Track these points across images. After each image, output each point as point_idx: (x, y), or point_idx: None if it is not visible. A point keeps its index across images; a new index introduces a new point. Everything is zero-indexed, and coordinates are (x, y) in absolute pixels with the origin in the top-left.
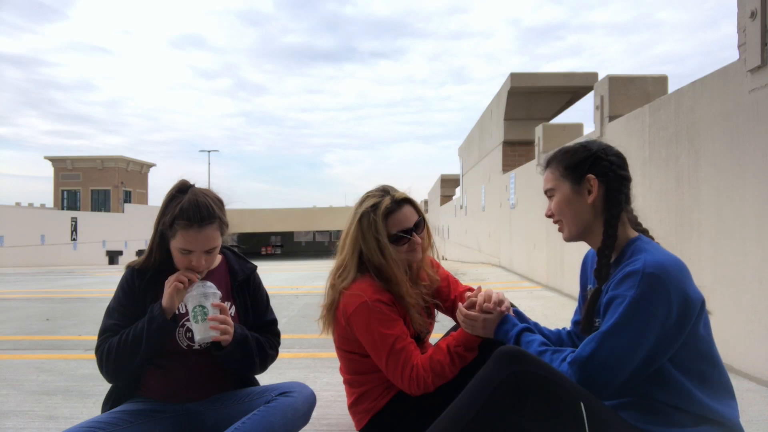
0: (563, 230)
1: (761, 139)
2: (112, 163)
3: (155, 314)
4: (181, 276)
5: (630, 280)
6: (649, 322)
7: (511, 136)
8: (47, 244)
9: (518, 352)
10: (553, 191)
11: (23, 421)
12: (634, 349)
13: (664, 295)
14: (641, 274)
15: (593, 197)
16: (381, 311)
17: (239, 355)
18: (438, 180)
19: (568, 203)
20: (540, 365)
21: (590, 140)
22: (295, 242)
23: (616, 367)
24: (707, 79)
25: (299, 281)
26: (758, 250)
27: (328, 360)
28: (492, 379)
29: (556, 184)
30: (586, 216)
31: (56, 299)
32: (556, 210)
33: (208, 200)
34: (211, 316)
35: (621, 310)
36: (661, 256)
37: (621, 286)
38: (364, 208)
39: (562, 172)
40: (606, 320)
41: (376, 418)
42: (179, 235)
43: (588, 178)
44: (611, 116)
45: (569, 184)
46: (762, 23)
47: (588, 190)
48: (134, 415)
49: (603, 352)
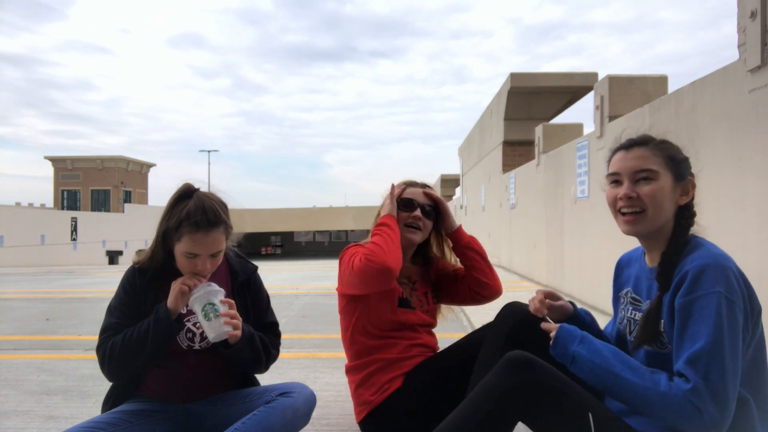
0: (636, 222)
1: (761, 139)
2: (112, 163)
3: (161, 315)
4: (187, 280)
5: (706, 276)
6: (739, 317)
7: (511, 136)
8: (47, 244)
9: (526, 359)
10: (655, 174)
11: (23, 421)
12: (740, 345)
13: (738, 287)
14: (719, 267)
15: (688, 199)
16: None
17: (248, 352)
18: (438, 180)
19: (664, 194)
20: (550, 374)
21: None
22: (295, 242)
23: (738, 369)
24: (707, 79)
25: (299, 281)
26: (758, 249)
27: (328, 360)
28: (500, 386)
29: (659, 168)
30: (668, 214)
31: (56, 299)
32: (650, 196)
33: (214, 204)
34: (224, 311)
35: (714, 309)
36: (721, 250)
37: (698, 287)
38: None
39: (665, 160)
40: (696, 324)
41: (375, 413)
42: (185, 238)
43: (690, 180)
44: (611, 116)
45: (671, 176)
46: (762, 23)
47: (686, 190)
48: (134, 415)
49: (719, 358)
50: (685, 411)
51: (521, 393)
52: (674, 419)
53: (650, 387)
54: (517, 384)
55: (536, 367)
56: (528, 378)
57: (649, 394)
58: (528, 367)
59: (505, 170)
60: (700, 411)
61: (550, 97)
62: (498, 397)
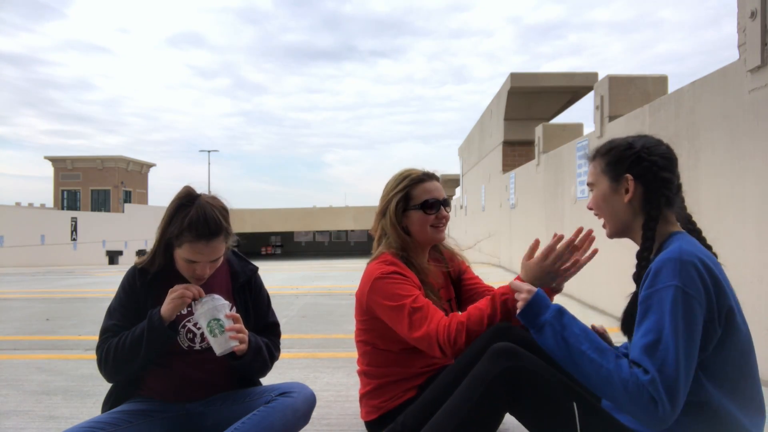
0: (605, 227)
1: (761, 139)
2: (112, 163)
3: (155, 323)
4: (188, 292)
5: (665, 270)
6: (697, 311)
7: (511, 136)
8: (47, 244)
9: (512, 348)
10: (593, 186)
11: (23, 421)
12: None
13: (701, 282)
14: (679, 261)
15: (629, 197)
16: (394, 279)
17: (256, 363)
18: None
19: (605, 200)
20: (535, 362)
21: (640, 136)
22: (295, 242)
23: (692, 360)
24: (707, 79)
25: (299, 281)
26: (758, 250)
27: (328, 360)
28: (486, 375)
29: (595, 179)
30: (623, 215)
31: (56, 299)
32: (594, 205)
33: (215, 213)
34: (229, 326)
35: (670, 301)
36: (696, 247)
37: (657, 280)
38: (396, 176)
39: (603, 167)
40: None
41: (384, 418)
42: (186, 246)
43: (625, 178)
44: (611, 116)
45: (608, 180)
46: (762, 23)
47: (625, 189)
48: (134, 415)
49: (672, 349)
50: (641, 400)
51: (507, 379)
52: (629, 406)
53: (613, 370)
54: (503, 370)
55: (521, 355)
56: (513, 365)
57: (611, 377)
58: (513, 356)
59: (505, 170)
60: (655, 402)
61: (550, 97)
62: (486, 384)
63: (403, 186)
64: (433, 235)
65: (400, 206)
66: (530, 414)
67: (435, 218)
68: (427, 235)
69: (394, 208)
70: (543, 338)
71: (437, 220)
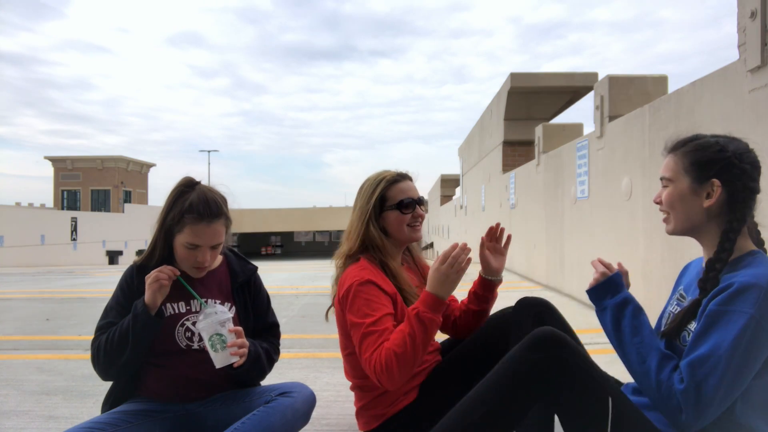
0: (668, 222)
1: (761, 139)
2: (112, 163)
3: (139, 312)
4: (161, 274)
5: (748, 295)
6: (764, 345)
7: (511, 136)
8: (47, 244)
9: (559, 336)
10: (669, 181)
11: (23, 421)
12: (750, 371)
13: None
14: (765, 291)
15: (711, 203)
16: (366, 293)
17: (255, 372)
18: (438, 180)
19: (681, 200)
20: (578, 353)
21: (729, 138)
22: (295, 242)
23: (735, 390)
24: (707, 79)
25: (299, 281)
26: None
27: (328, 360)
28: (525, 361)
29: (675, 176)
30: (696, 217)
31: (56, 299)
32: (667, 201)
33: (216, 196)
34: (231, 342)
35: (739, 327)
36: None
37: (736, 301)
38: (369, 179)
39: (686, 165)
40: (715, 334)
41: (387, 424)
42: (187, 229)
43: (712, 182)
44: (611, 116)
45: (689, 180)
46: (762, 23)
47: (708, 194)
48: (134, 416)
49: (720, 372)
50: (669, 404)
51: (546, 368)
52: (657, 403)
53: (654, 368)
54: (544, 359)
55: (565, 344)
56: (555, 354)
57: (650, 373)
58: (557, 344)
59: (505, 170)
60: (680, 412)
61: (550, 97)
62: (522, 372)
63: (379, 188)
64: (410, 234)
65: (377, 207)
66: (563, 405)
67: (411, 217)
68: (404, 235)
69: (371, 209)
70: (603, 318)
71: (413, 219)
